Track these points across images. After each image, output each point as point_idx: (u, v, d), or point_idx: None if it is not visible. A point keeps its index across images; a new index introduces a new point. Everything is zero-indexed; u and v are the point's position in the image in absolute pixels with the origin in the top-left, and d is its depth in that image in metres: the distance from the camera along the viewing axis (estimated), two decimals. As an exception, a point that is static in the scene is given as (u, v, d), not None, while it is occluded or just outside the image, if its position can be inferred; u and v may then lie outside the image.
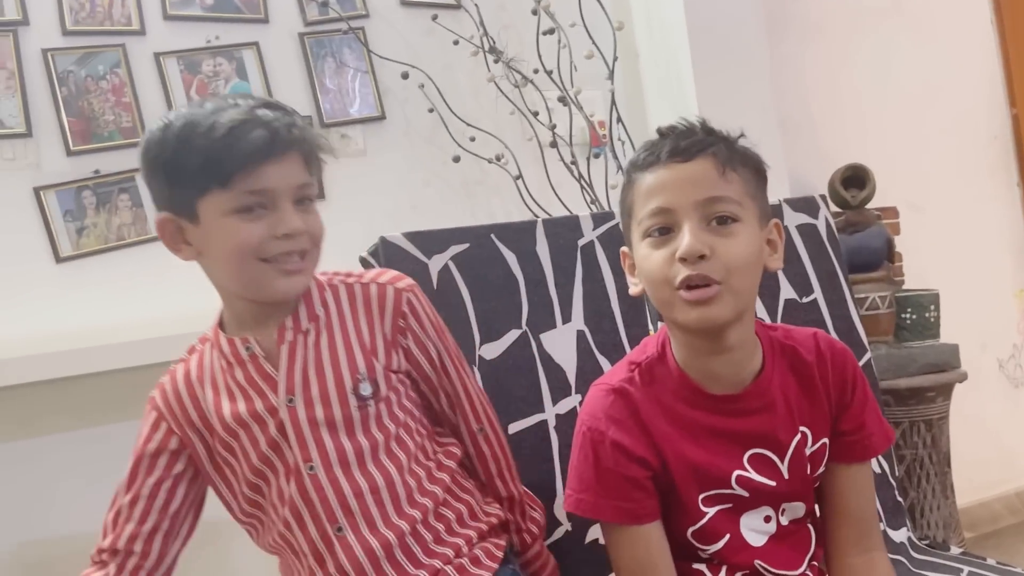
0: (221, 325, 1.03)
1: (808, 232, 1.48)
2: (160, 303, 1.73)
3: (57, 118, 1.70)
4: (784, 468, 0.99)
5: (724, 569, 0.99)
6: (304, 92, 1.92)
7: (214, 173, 0.91)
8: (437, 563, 0.99)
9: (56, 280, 1.68)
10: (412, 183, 2.01)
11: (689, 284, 0.90)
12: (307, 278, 0.99)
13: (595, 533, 1.21)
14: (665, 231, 0.93)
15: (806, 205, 1.49)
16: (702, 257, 0.90)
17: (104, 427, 1.68)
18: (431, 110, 1.97)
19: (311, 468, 0.96)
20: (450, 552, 1.00)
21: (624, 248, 1.03)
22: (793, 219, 1.48)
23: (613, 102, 2.00)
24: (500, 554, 1.04)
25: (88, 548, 1.65)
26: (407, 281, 1.05)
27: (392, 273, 1.06)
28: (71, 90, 1.71)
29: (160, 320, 1.70)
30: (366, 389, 0.98)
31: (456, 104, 2.00)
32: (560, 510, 1.21)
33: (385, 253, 1.25)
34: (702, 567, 1.00)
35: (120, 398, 1.69)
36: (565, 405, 1.26)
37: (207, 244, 0.95)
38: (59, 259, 1.69)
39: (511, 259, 1.28)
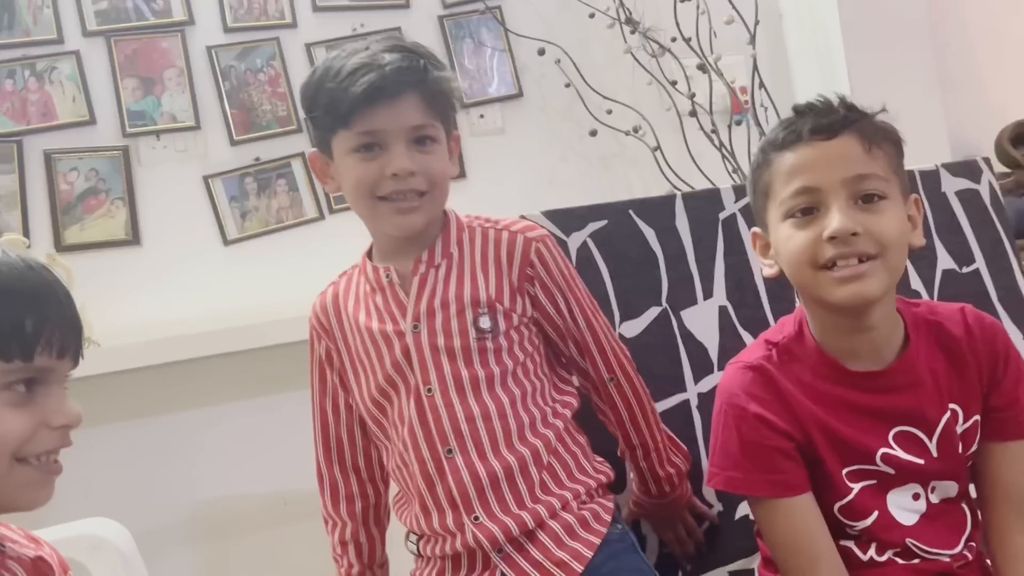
0: (369, 254, 1.10)
1: (969, 198, 1.39)
2: (316, 279, 1.83)
3: (221, 110, 1.83)
4: (932, 446, 0.97)
5: (874, 546, 0.97)
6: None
7: (336, 114, 0.99)
8: (542, 510, 1.01)
9: (225, 262, 1.82)
10: (549, 159, 2.03)
11: (838, 262, 0.89)
12: (423, 217, 1.02)
13: (744, 510, 1.20)
14: (808, 211, 0.92)
15: (967, 169, 1.40)
16: (854, 235, 0.89)
17: (269, 397, 1.81)
18: (567, 85, 1.98)
19: (429, 390, 1.01)
20: (556, 503, 1.02)
21: (756, 229, 1.02)
22: (952, 185, 1.39)
23: (755, 67, 1.94)
24: (608, 517, 1.05)
25: (256, 507, 1.79)
26: (539, 232, 1.08)
27: (525, 223, 1.09)
28: (232, 83, 1.84)
29: (316, 297, 1.81)
30: (485, 323, 1.03)
31: (592, 78, 1.99)
32: (708, 491, 1.21)
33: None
34: (850, 544, 0.98)
35: (283, 372, 1.82)
36: (707, 383, 1.25)
37: (340, 180, 1.04)
38: (227, 242, 1.82)
39: (650, 235, 1.27)
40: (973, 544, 1.00)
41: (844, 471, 0.97)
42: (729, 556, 1.21)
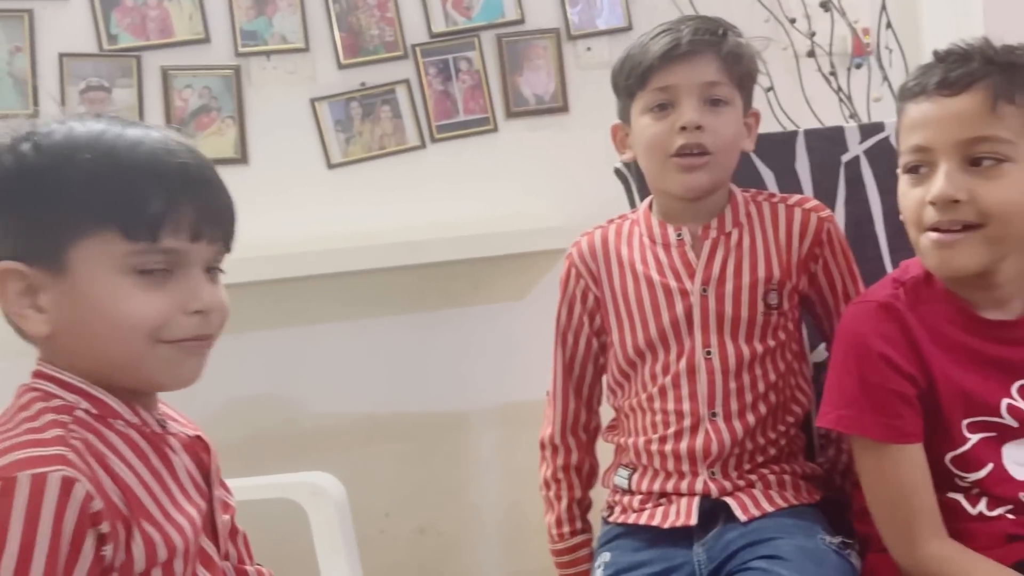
0: (648, 212, 1.14)
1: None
2: (415, 208, 1.86)
3: (330, 33, 1.83)
4: None
5: (984, 500, 0.94)
6: (553, 3, 1.92)
7: (635, 76, 1.07)
8: (766, 474, 1.08)
9: (328, 185, 1.84)
10: (657, 96, 1.97)
11: (937, 227, 0.87)
12: (708, 177, 1.05)
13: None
14: (916, 169, 0.90)
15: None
16: (955, 202, 0.86)
17: (361, 320, 1.85)
18: (680, 19, 1.91)
19: (708, 353, 1.07)
20: (776, 469, 1.09)
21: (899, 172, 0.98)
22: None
23: (884, 5, 1.83)
24: (817, 497, 1.09)
25: (347, 426, 1.84)
26: (828, 212, 1.11)
27: (814, 201, 1.12)
28: (342, 6, 1.83)
29: (415, 225, 1.82)
30: (773, 299, 1.07)
31: (706, 11, 1.91)
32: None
33: (637, 166, 1.24)
34: (958, 497, 0.95)
35: (378, 294, 1.86)
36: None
37: (635, 142, 1.10)
38: (330, 165, 1.84)
39: (767, 177, 1.24)
40: None
41: (964, 421, 0.94)
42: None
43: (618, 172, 1.28)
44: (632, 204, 1.27)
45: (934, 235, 0.88)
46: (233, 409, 1.74)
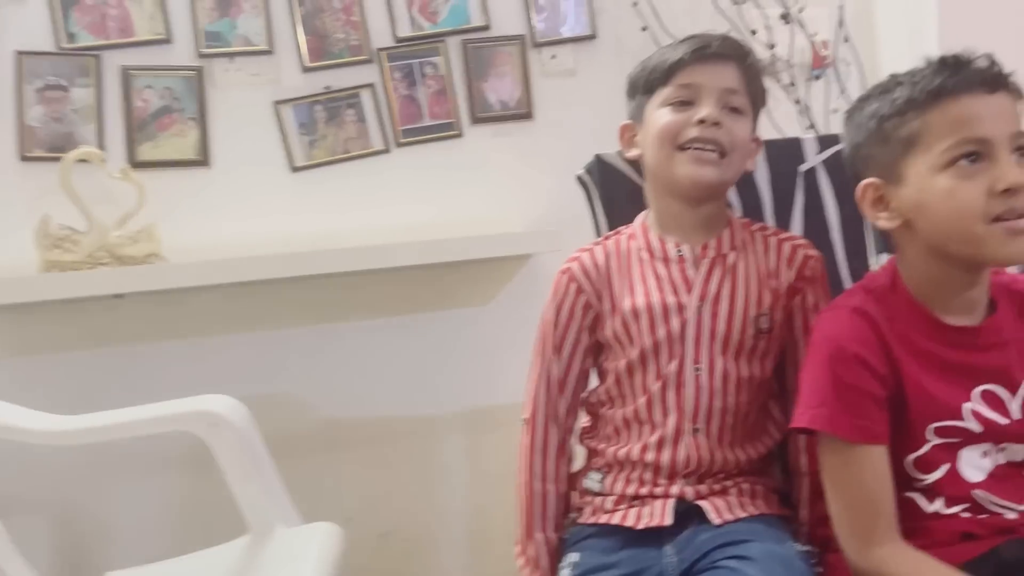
0: (645, 227, 1.15)
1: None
2: (379, 213, 1.85)
3: (295, 36, 1.82)
4: (1015, 407, 0.97)
5: (940, 500, 0.97)
6: (519, 11, 1.94)
7: (661, 72, 1.10)
8: (732, 485, 1.09)
9: (291, 188, 1.83)
10: (621, 104, 1.96)
11: (1005, 216, 0.89)
12: (717, 174, 1.07)
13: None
14: (974, 161, 0.91)
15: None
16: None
17: (325, 325, 1.84)
18: (644, 29, 1.93)
19: (698, 369, 1.08)
20: (751, 480, 1.10)
21: (873, 181, 0.99)
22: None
23: (842, 20, 1.87)
24: (787, 511, 1.10)
25: (315, 429, 1.83)
26: (816, 252, 1.13)
27: (804, 240, 1.15)
28: (308, 9, 1.83)
29: (379, 229, 1.82)
30: (764, 323, 1.09)
31: (670, 23, 1.94)
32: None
33: (600, 171, 1.26)
34: (915, 495, 0.98)
35: (341, 299, 1.85)
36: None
37: (645, 132, 1.12)
38: (294, 169, 1.83)
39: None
40: None
41: (929, 425, 0.96)
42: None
43: (579, 179, 1.29)
44: (592, 212, 1.28)
45: (1010, 224, 0.89)
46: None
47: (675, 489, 1.07)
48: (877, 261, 1.28)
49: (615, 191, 1.24)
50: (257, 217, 1.80)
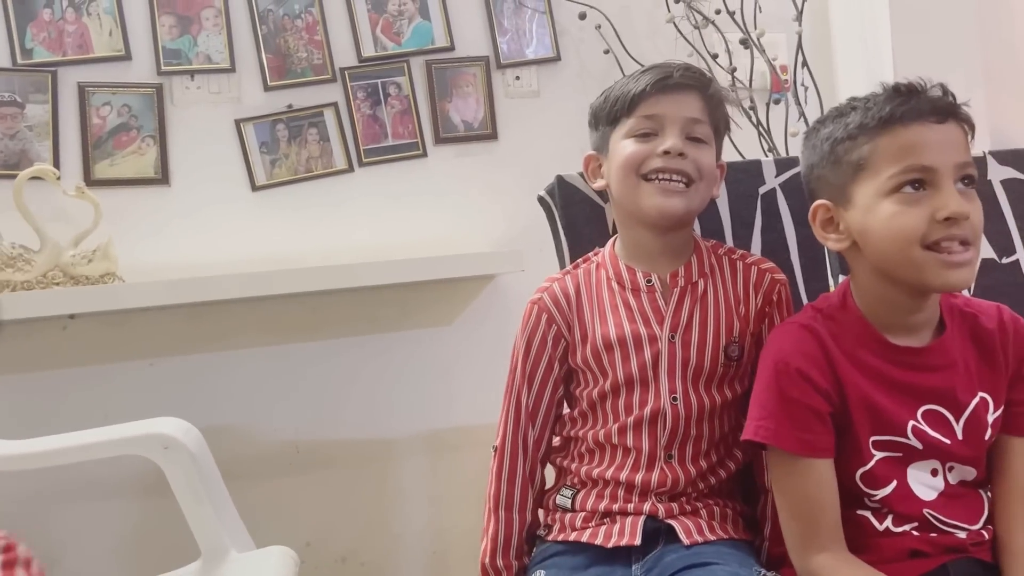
0: (614, 255, 1.15)
1: (1015, 188, 1.37)
2: (342, 232, 1.84)
3: (257, 55, 1.81)
4: (959, 428, 0.98)
5: (891, 518, 0.98)
6: (483, 32, 1.95)
7: (624, 103, 1.10)
8: (712, 503, 1.11)
9: (252, 207, 1.81)
10: (583, 125, 1.98)
11: (943, 244, 0.91)
12: (684, 204, 1.08)
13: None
14: (918, 189, 0.93)
15: (1014, 158, 1.38)
16: (964, 220, 0.91)
17: (285, 346, 1.82)
18: (607, 51, 1.95)
19: (674, 399, 1.08)
20: (720, 503, 1.11)
21: (823, 202, 1.01)
22: (998, 173, 1.37)
23: (800, 45, 1.90)
24: (750, 536, 1.11)
25: (273, 450, 1.80)
26: (782, 275, 1.15)
27: (770, 263, 1.16)
28: (270, 28, 1.82)
29: (341, 249, 1.81)
30: (734, 351, 1.10)
31: (632, 46, 1.97)
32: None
33: (561, 192, 1.26)
34: (867, 514, 0.99)
35: (302, 320, 1.83)
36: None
37: (610, 164, 1.12)
38: (255, 187, 1.81)
39: (688, 206, 1.26)
40: (991, 527, 1.01)
41: (871, 439, 0.98)
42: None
43: (541, 200, 1.29)
44: (554, 233, 1.28)
45: (952, 256, 0.91)
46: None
47: (647, 506, 1.07)
48: (836, 282, 1.29)
49: (576, 212, 1.25)
50: (217, 237, 1.78)
